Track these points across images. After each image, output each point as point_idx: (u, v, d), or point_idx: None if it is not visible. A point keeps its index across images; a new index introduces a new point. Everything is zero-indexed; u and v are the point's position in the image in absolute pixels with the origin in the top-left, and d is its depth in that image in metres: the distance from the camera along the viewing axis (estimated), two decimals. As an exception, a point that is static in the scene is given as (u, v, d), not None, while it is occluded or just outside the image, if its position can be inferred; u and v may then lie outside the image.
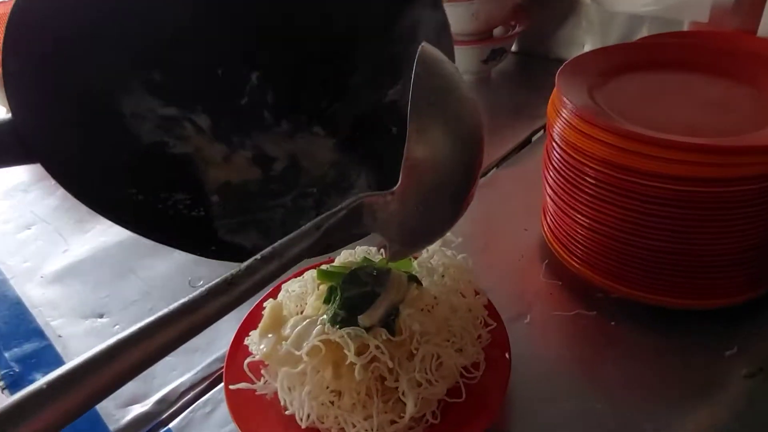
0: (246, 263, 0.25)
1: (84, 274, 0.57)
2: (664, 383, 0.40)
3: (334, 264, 0.41)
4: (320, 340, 0.33)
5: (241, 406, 0.37)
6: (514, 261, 0.52)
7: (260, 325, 0.37)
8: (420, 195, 0.27)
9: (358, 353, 0.32)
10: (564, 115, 0.43)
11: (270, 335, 0.36)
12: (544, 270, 0.50)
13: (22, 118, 0.29)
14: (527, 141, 0.72)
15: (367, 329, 0.33)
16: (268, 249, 0.25)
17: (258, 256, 0.25)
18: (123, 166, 0.35)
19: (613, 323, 0.44)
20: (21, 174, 0.76)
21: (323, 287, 0.38)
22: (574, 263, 0.47)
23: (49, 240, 0.63)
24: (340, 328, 0.33)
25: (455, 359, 0.35)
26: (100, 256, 0.59)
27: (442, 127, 0.27)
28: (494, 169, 0.66)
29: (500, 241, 0.55)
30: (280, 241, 0.26)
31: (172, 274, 0.56)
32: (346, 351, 0.32)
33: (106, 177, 0.34)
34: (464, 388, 0.35)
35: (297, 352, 0.33)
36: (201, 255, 0.35)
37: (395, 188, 0.27)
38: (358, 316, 0.34)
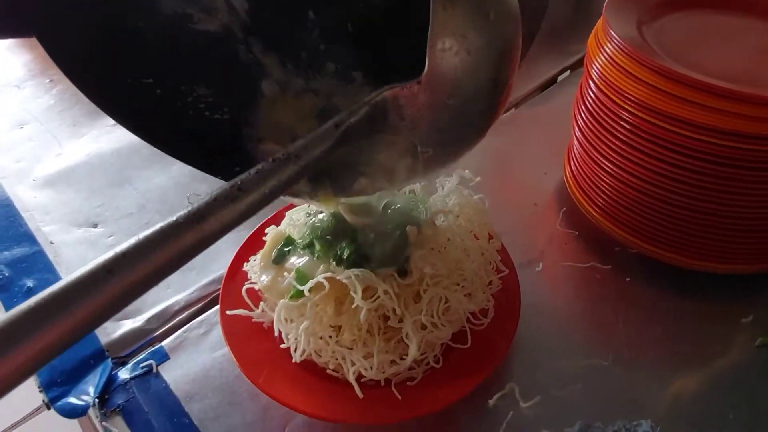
0: (256, 167, 0.21)
1: (78, 180, 0.54)
2: (675, 346, 0.38)
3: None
4: (325, 278, 0.31)
5: (236, 332, 0.36)
6: (530, 206, 0.49)
7: (261, 253, 0.35)
8: (451, 82, 0.23)
9: (365, 296, 0.30)
10: (607, 49, 0.39)
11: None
12: (561, 218, 0.48)
13: None
14: (553, 79, 0.67)
15: (376, 271, 0.31)
16: (282, 152, 0.22)
17: (270, 159, 0.22)
18: (137, 46, 0.29)
19: (628, 279, 0.42)
20: (15, 68, 0.71)
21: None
22: (594, 212, 0.45)
23: (42, 141, 0.59)
24: (347, 268, 0.31)
25: (464, 304, 0.33)
26: (94, 162, 0.56)
27: None
28: (512, 109, 0.62)
29: (517, 184, 0.52)
30: (295, 143, 0.23)
31: (170, 188, 0.53)
32: (353, 293, 0.30)
33: (116, 59, 0.29)
34: (470, 334, 0.34)
35: (299, 287, 0.31)
36: (220, 176, 0.31)
37: (421, 76, 0.23)
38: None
